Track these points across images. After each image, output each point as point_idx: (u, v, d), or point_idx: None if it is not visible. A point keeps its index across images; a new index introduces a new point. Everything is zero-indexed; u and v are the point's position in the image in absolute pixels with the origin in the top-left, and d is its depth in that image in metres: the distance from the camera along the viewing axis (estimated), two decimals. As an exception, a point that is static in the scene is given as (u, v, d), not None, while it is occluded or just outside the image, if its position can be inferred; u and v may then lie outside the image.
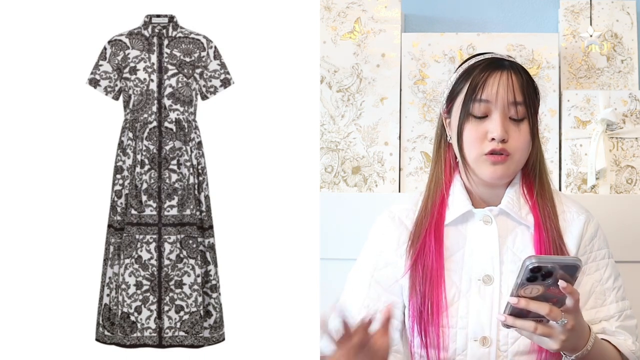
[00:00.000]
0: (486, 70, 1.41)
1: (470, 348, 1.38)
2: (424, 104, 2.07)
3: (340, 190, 2.06)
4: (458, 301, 1.40)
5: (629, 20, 2.09)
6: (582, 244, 1.44)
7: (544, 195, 1.44)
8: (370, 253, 1.50)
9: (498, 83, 1.38)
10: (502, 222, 1.43)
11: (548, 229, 1.41)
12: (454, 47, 2.07)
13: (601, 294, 1.43)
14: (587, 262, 1.44)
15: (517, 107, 1.38)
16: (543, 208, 1.43)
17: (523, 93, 1.39)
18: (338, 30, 2.10)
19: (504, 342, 1.37)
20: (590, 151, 1.97)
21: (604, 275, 1.44)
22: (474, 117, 1.40)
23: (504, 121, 1.38)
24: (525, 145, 1.40)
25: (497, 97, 1.38)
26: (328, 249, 1.97)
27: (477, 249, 1.42)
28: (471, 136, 1.40)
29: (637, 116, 2.00)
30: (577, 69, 2.09)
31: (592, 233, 1.46)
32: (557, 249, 1.40)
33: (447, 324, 1.39)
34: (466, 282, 1.40)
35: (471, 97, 1.39)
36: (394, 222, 1.49)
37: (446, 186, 1.46)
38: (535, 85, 1.44)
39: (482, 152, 1.38)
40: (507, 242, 1.42)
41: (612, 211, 1.89)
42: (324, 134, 2.07)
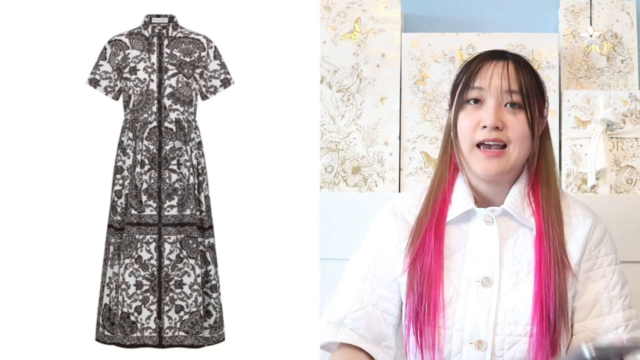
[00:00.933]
0: (483, 60, 1.40)
1: (465, 351, 1.36)
2: (424, 104, 2.07)
3: (340, 190, 2.06)
4: (456, 302, 1.38)
5: (629, 20, 2.09)
6: (587, 250, 1.40)
7: (549, 200, 1.40)
8: (370, 246, 1.48)
9: (492, 70, 1.37)
10: (504, 223, 1.40)
11: (550, 237, 1.37)
12: (454, 47, 2.07)
13: (607, 301, 1.39)
14: (593, 268, 1.40)
15: (512, 95, 1.36)
16: (547, 214, 1.39)
17: (519, 82, 1.36)
18: (338, 30, 2.10)
19: (499, 347, 1.35)
20: (590, 151, 1.97)
21: (611, 283, 1.40)
22: (468, 106, 1.38)
23: (497, 109, 1.35)
24: (522, 135, 1.36)
25: (491, 84, 1.36)
26: (328, 249, 1.97)
27: (478, 250, 1.40)
28: (464, 125, 1.38)
29: (637, 116, 2.00)
30: (577, 69, 2.09)
31: (599, 238, 1.42)
32: (557, 260, 1.36)
33: (443, 324, 1.37)
34: (465, 283, 1.39)
35: (466, 85, 1.38)
36: (396, 217, 1.47)
37: (449, 183, 1.44)
38: (540, 80, 1.41)
39: (474, 141, 1.36)
40: (507, 244, 1.40)
41: (612, 211, 1.89)
42: (324, 134, 2.07)
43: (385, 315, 1.43)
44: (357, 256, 1.50)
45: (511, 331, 1.36)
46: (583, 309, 1.39)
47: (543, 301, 1.34)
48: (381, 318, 1.43)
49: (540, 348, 1.34)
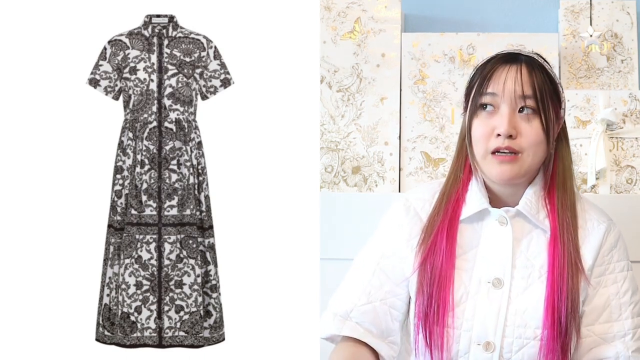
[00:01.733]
0: (497, 63, 1.37)
1: (473, 352, 1.35)
2: (424, 104, 2.07)
3: (340, 190, 2.06)
4: (465, 302, 1.37)
5: (629, 20, 2.09)
6: (600, 254, 1.39)
7: (565, 203, 1.39)
8: (380, 240, 1.47)
9: (506, 76, 1.34)
10: (518, 224, 1.39)
11: (565, 241, 1.36)
12: (454, 47, 2.07)
13: (617, 308, 1.38)
14: (605, 273, 1.39)
15: (525, 100, 1.33)
16: (562, 217, 1.37)
17: (533, 87, 1.33)
18: (338, 30, 2.10)
19: (507, 349, 1.34)
20: (590, 151, 1.97)
21: (622, 289, 1.39)
22: (483, 112, 1.36)
23: (511, 116, 1.33)
24: (537, 142, 1.34)
25: (505, 89, 1.33)
26: (328, 249, 1.97)
27: (490, 250, 1.39)
28: (478, 132, 1.36)
29: (637, 116, 2.00)
30: (577, 69, 2.09)
31: (612, 243, 1.40)
32: (571, 264, 1.35)
33: (452, 324, 1.36)
34: (475, 284, 1.37)
35: (479, 90, 1.36)
36: (409, 213, 1.46)
37: (464, 184, 1.42)
38: (555, 81, 1.38)
39: (488, 149, 1.35)
40: (521, 246, 1.38)
41: (612, 211, 1.89)
42: (324, 134, 2.07)
43: (392, 311, 1.43)
44: (366, 249, 1.48)
45: (520, 334, 1.35)
46: (592, 314, 1.38)
47: (555, 305, 1.33)
48: (388, 313, 1.43)
49: (550, 352, 1.33)
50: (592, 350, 1.38)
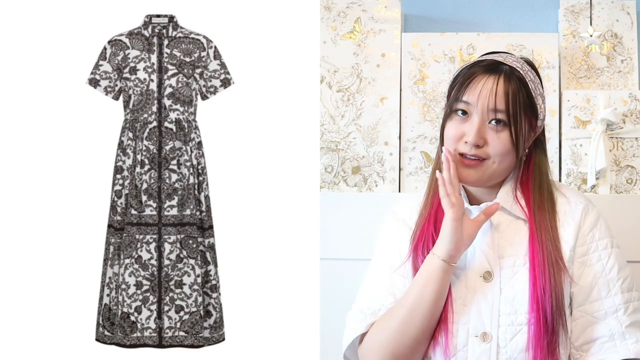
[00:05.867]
0: (476, 72, 1.40)
1: (471, 344, 1.38)
2: (424, 104, 2.07)
3: (340, 190, 2.06)
4: (461, 297, 1.40)
5: (629, 20, 2.09)
6: (581, 234, 1.42)
7: (542, 192, 1.43)
8: (384, 249, 1.51)
9: (482, 87, 1.38)
10: (498, 217, 1.43)
11: (543, 227, 1.40)
12: (454, 47, 2.07)
13: (604, 285, 1.39)
14: (588, 252, 1.41)
15: (497, 113, 1.37)
16: (539, 204, 1.42)
17: (507, 100, 1.37)
18: (338, 30, 2.10)
19: (502, 338, 1.37)
20: (590, 151, 1.97)
21: (607, 266, 1.41)
22: (456, 116, 1.41)
23: (481, 126, 1.38)
24: (502, 152, 1.38)
25: (479, 101, 1.38)
26: (328, 249, 1.97)
27: (476, 246, 1.42)
28: (450, 134, 1.41)
29: (637, 116, 2.00)
30: (577, 69, 2.09)
31: (592, 222, 1.43)
32: (552, 248, 1.38)
33: (451, 319, 1.39)
34: (471, 278, 1.41)
35: (456, 96, 1.41)
36: (398, 222, 1.51)
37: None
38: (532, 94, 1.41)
39: (457, 151, 1.39)
40: (504, 236, 1.42)
41: (612, 211, 1.89)
42: (324, 134, 2.07)
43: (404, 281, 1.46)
44: (373, 262, 1.52)
45: (512, 321, 1.37)
46: (581, 294, 1.40)
47: (538, 289, 1.36)
48: None
49: (538, 336, 1.35)
50: (586, 330, 1.39)
